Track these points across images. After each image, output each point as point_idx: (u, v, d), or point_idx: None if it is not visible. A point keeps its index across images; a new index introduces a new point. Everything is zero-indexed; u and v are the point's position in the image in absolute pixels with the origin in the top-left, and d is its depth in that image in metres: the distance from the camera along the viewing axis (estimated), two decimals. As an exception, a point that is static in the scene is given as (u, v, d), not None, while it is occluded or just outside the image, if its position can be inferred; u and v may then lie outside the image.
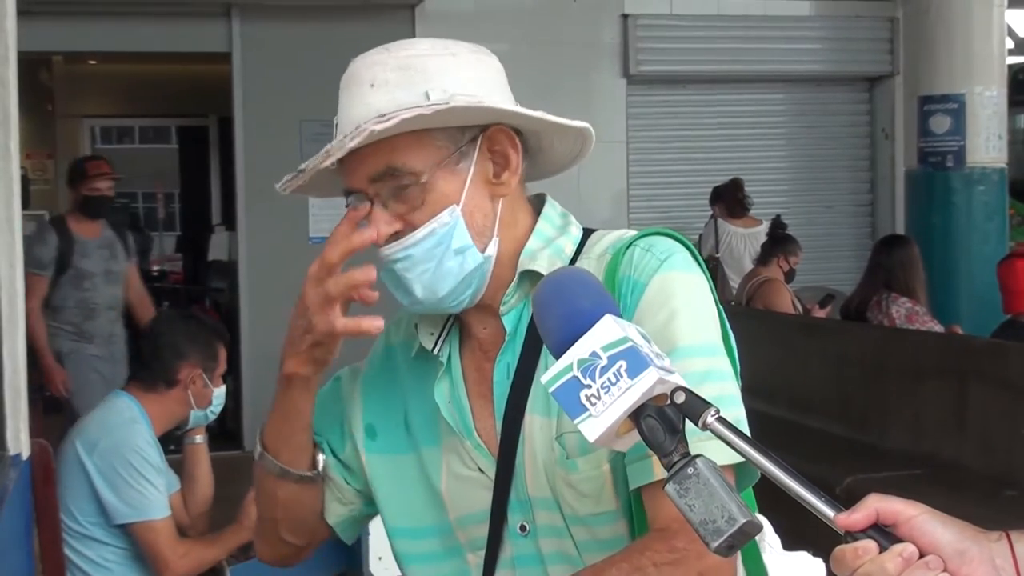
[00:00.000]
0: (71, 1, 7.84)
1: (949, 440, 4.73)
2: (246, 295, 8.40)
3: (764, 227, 7.62)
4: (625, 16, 8.90)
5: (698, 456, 1.12)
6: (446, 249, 1.49)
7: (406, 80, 1.48)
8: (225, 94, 8.52)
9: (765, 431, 5.83)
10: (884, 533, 1.07)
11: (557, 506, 1.51)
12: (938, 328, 6.02)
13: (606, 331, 1.18)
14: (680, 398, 1.15)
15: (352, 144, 1.42)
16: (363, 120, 1.44)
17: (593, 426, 1.16)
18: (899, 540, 1.06)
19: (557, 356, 1.20)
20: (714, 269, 7.87)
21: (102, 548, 3.35)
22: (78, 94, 10.90)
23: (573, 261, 1.55)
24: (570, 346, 1.19)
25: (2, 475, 2.90)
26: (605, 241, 1.57)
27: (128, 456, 3.33)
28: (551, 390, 1.19)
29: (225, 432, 7.43)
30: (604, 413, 1.16)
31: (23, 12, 3.12)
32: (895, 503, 1.09)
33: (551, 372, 1.19)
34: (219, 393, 3.55)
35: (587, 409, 1.16)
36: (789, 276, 7.00)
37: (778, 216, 7.54)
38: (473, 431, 1.57)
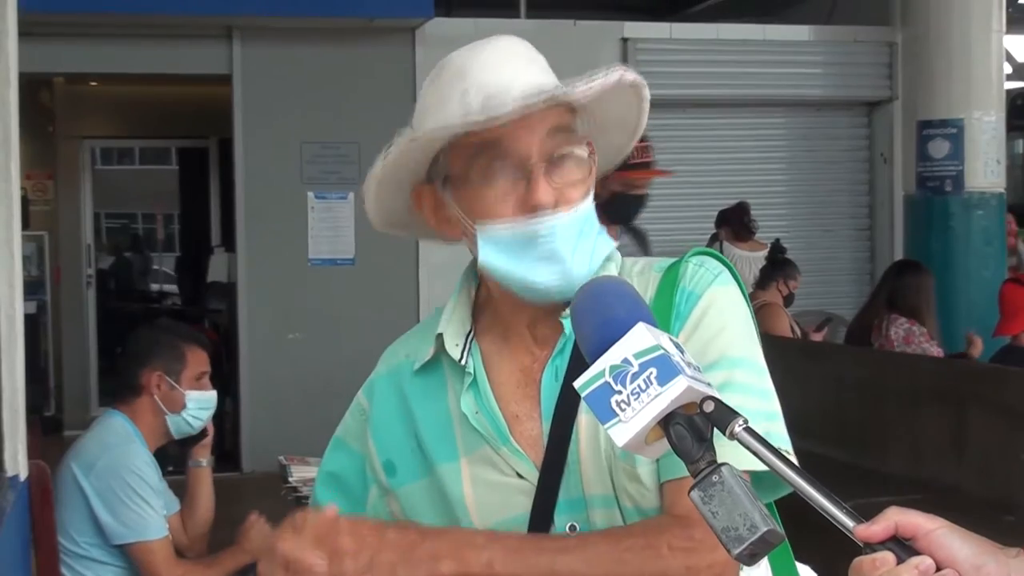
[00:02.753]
0: (72, 23, 7.86)
1: (948, 465, 4.72)
2: (245, 316, 8.40)
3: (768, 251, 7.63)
4: (625, 40, 8.93)
5: (723, 464, 1.14)
6: (593, 226, 1.53)
7: (548, 67, 1.62)
8: (225, 116, 8.54)
9: (764, 455, 5.71)
10: (903, 546, 1.07)
11: (616, 502, 1.51)
12: (935, 351, 6.02)
13: (638, 339, 1.20)
14: (709, 407, 1.17)
15: (583, 88, 1.48)
16: (537, 87, 1.50)
17: (622, 431, 1.18)
18: (917, 553, 1.07)
19: (591, 362, 1.22)
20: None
21: (100, 568, 3.34)
22: (79, 115, 10.91)
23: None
24: (604, 348, 1.22)
25: (0, 496, 2.89)
26: (642, 263, 1.63)
27: (125, 476, 3.32)
28: (583, 395, 1.21)
29: (223, 454, 7.42)
30: (633, 419, 1.17)
31: (24, 33, 3.14)
32: (914, 516, 1.09)
33: (584, 377, 1.21)
34: (197, 396, 3.50)
35: (617, 415, 1.18)
36: (788, 300, 7.01)
37: (777, 240, 7.54)
38: (509, 437, 1.56)
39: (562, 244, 1.49)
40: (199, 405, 3.50)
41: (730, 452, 1.20)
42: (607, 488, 1.51)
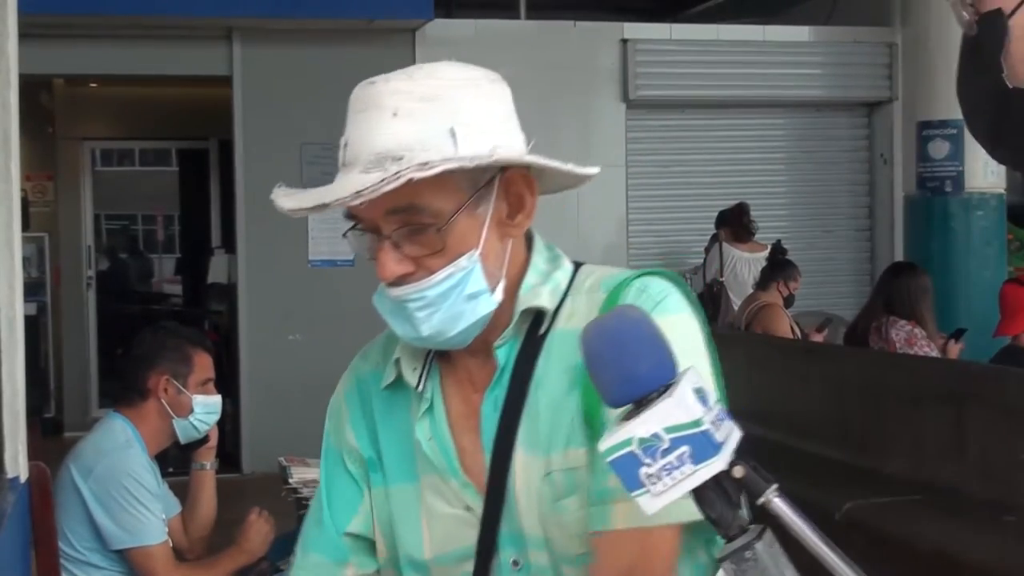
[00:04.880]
0: (72, 24, 7.86)
1: (948, 465, 4.71)
2: (245, 317, 8.40)
3: (768, 252, 7.63)
4: (625, 41, 8.93)
5: (759, 539, 1.11)
6: (460, 293, 1.47)
7: (431, 112, 1.45)
8: (225, 117, 8.54)
9: (763, 455, 5.78)
10: None
11: (546, 545, 1.51)
12: (935, 355, 6.01)
13: (670, 412, 1.14)
14: (739, 473, 1.13)
15: (388, 188, 1.39)
16: (386, 150, 1.43)
17: (652, 503, 1.14)
18: None
19: (612, 406, 1.18)
20: (718, 293, 7.87)
21: (100, 573, 3.34)
22: (79, 116, 10.91)
23: (565, 295, 1.54)
24: (623, 403, 1.16)
25: (0, 498, 2.88)
26: (596, 276, 1.56)
27: (123, 481, 3.31)
28: (608, 460, 1.15)
29: (224, 455, 7.41)
30: (664, 493, 1.13)
31: (24, 35, 3.13)
32: None
33: (608, 442, 1.15)
34: (203, 401, 3.49)
35: (645, 486, 1.13)
36: (788, 301, 7.00)
37: (778, 241, 7.54)
38: (459, 470, 1.55)
39: (411, 313, 1.48)
40: (206, 409, 3.50)
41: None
42: (538, 530, 1.51)
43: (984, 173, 8.20)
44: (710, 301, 7.90)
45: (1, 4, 2.97)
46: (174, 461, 4.07)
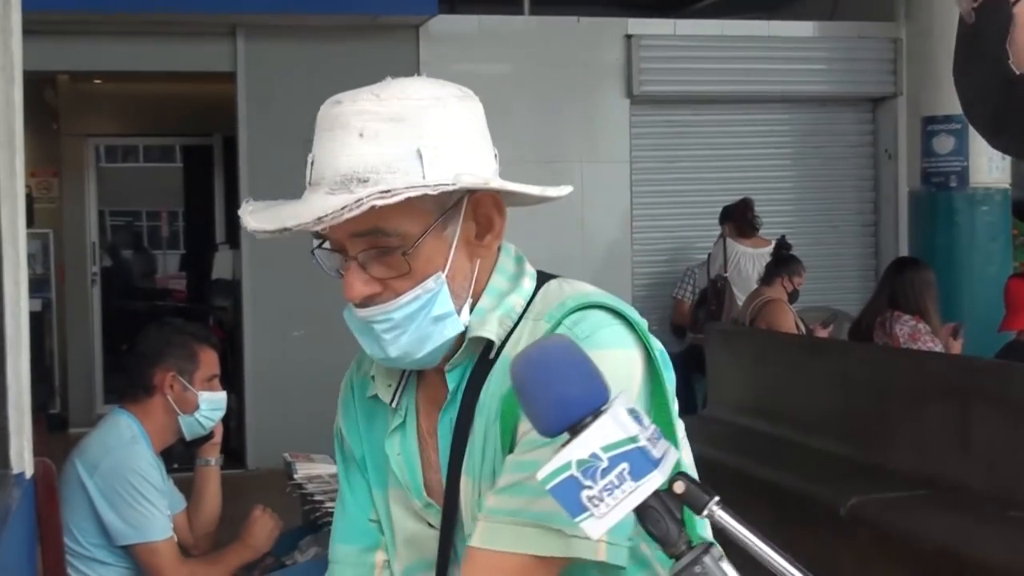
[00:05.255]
0: (76, 20, 7.86)
1: (953, 461, 4.71)
2: (250, 313, 8.41)
3: (772, 248, 7.62)
4: (629, 37, 8.92)
5: (706, 553, 1.12)
6: (427, 315, 1.47)
7: (397, 134, 1.43)
8: (229, 113, 8.55)
9: (768, 451, 5.85)
10: None
11: None
12: (939, 350, 6.01)
13: (606, 432, 1.15)
14: (680, 488, 1.15)
15: (350, 215, 1.38)
16: (351, 171, 1.42)
17: (596, 526, 1.14)
18: None
19: (547, 435, 1.18)
20: (722, 289, 7.86)
21: (105, 569, 3.34)
22: (83, 113, 10.91)
23: (521, 318, 1.52)
24: (558, 431, 1.16)
25: (5, 494, 2.89)
26: (549, 299, 1.52)
27: (129, 477, 3.31)
28: (548, 487, 1.16)
29: (228, 451, 7.42)
30: (608, 514, 1.14)
31: (28, 31, 3.13)
32: None
33: (547, 469, 1.16)
34: (209, 397, 3.48)
35: (589, 510, 1.14)
36: (793, 296, 7.00)
37: (782, 236, 7.53)
38: (422, 490, 1.57)
39: (378, 334, 1.48)
40: (211, 406, 3.50)
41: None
42: None
43: (989, 168, 8.19)
44: (714, 297, 7.89)
45: (5, 1, 2.97)
46: (179, 457, 4.06)
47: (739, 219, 8.08)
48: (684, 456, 1.52)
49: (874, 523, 4.31)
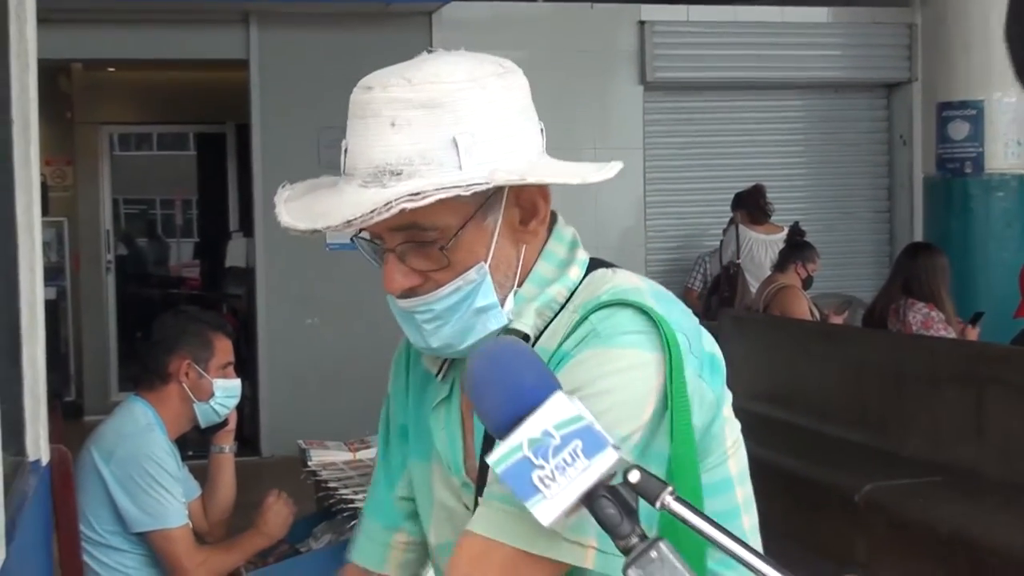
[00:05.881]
0: (90, 9, 7.87)
1: (968, 447, 4.71)
2: (263, 301, 8.43)
3: (785, 234, 7.61)
4: (642, 23, 8.90)
5: (660, 539, 1.09)
6: (470, 307, 1.43)
7: (431, 121, 1.36)
8: (243, 101, 8.55)
9: (783, 438, 5.84)
10: None
11: None
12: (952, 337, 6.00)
13: (558, 409, 1.14)
14: (635, 477, 1.11)
15: (379, 219, 1.34)
16: (384, 163, 1.36)
17: (548, 508, 1.12)
18: None
19: (499, 437, 1.15)
20: (734, 275, 7.86)
21: (121, 555, 3.35)
22: (97, 101, 10.94)
23: (563, 307, 1.46)
24: (513, 425, 1.14)
25: (22, 481, 2.90)
26: (591, 289, 1.45)
27: (145, 464, 3.32)
28: (499, 471, 1.13)
29: (242, 438, 7.45)
30: (560, 495, 1.11)
31: (42, 20, 3.14)
32: None
33: (499, 452, 1.14)
34: (224, 385, 3.49)
35: (540, 491, 1.12)
36: (807, 283, 6.99)
37: (796, 223, 7.52)
38: (461, 468, 1.54)
39: (420, 324, 1.45)
40: (226, 393, 3.51)
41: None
42: None
43: (1004, 154, 8.16)
44: (727, 283, 7.89)
45: (19, -11, 2.97)
46: (193, 445, 4.08)
47: (751, 205, 8.07)
48: (732, 464, 1.47)
49: (888, 509, 4.31)
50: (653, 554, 1.07)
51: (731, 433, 1.48)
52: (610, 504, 1.11)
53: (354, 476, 3.73)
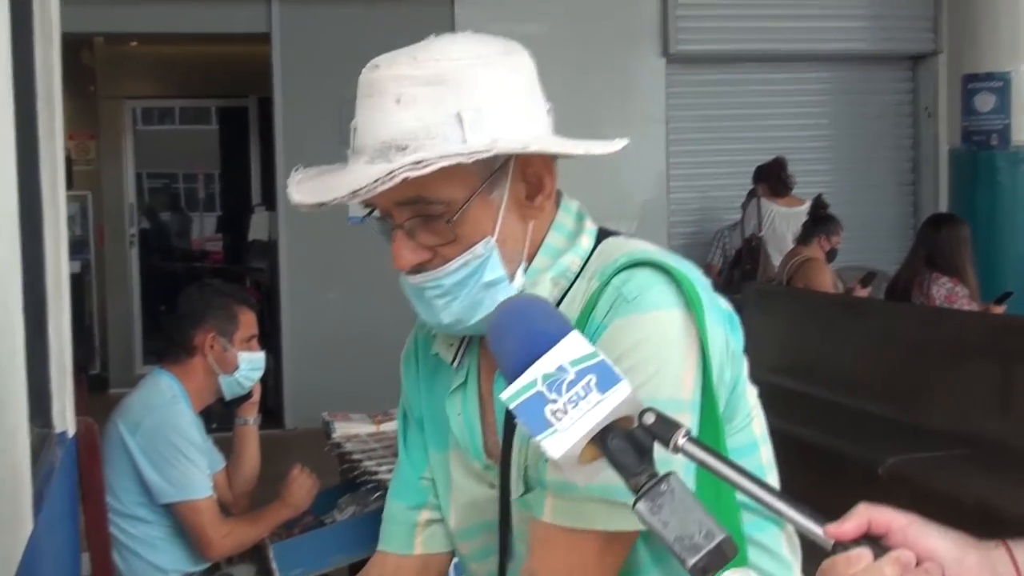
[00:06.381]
0: (113, -18, 7.88)
1: (993, 420, 4.69)
2: (286, 274, 8.45)
3: (807, 207, 7.57)
4: (664, -5, 8.85)
5: (671, 473, 1.09)
6: (478, 281, 1.44)
7: (436, 97, 1.38)
8: (265, 75, 8.56)
9: (806, 411, 5.82)
10: (876, 543, 1.03)
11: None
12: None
13: (574, 346, 1.14)
14: (650, 419, 1.12)
15: (383, 188, 1.35)
16: (390, 139, 1.38)
17: (558, 441, 1.11)
18: (892, 549, 1.02)
19: (513, 380, 1.15)
20: (756, 249, 7.83)
21: (147, 527, 3.38)
22: (120, 75, 10.96)
23: (577, 277, 1.48)
24: (526, 365, 1.14)
25: (48, 452, 2.93)
26: (605, 256, 1.47)
27: (170, 436, 3.35)
28: (512, 406, 1.13)
29: (266, 411, 7.48)
30: (571, 428, 1.11)
31: (66, -7, 3.15)
32: (887, 512, 1.05)
33: (513, 388, 1.14)
34: (248, 357, 3.51)
35: (552, 424, 1.11)
36: (830, 256, 6.96)
37: (820, 195, 7.48)
38: (481, 451, 1.55)
39: (430, 300, 1.46)
40: (251, 366, 3.53)
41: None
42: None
43: (1031, 126, 8.09)
44: (749, 256, 7.86)
45: (42, -38, 2.98)
46: (217, 417, 4.11)
47: (773, 178, 8.03)
48: (755, 426, 1.49)
49: (913, 482, 4.30)
50: (663, 487, 1.08)
51: (751, 394, 1.50)
52: (624, 444, 1.11)
53: (378, 448, 3.74)
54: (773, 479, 1.51)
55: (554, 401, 1.12)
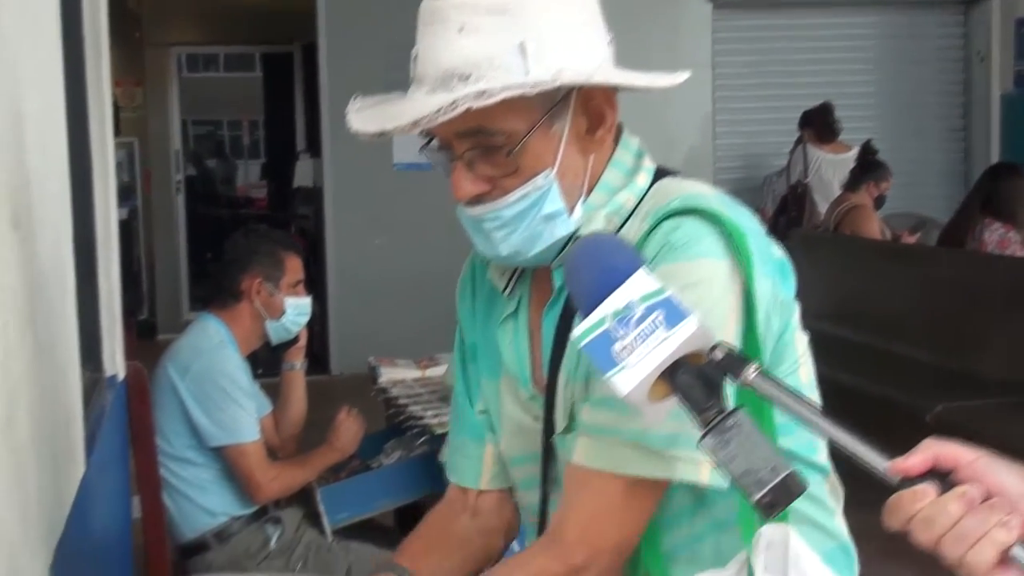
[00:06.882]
0: (157, -72, 7.87)
1: (1043, 368, 4.65)
2: (331, 221, 8.48)
3: (853, 153, 7.48)
4: (711, -62, 8.73)
5: (738, 408, 1.09)
6: (537, 213, 1.43)
7: (499, 26, 1.37)
8: (309, 21, 8.53)
9: (852, 358, 5.79)
10: (943, 478, 1.01)
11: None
12: (1030, 258, 5.90)
13: (642, 283, 1.15)
14: (719, 354, 1.11)
15: (445, 118, 1.34)
16: (452, 68, 1.37)
17: (627, 378, 1.12)
18: (958, 485, 1.01)
19: (591, 308, 1.15)
20: (802, 195, 7.76)
21: (197, 469, 3.42)
22: (165, 21, 10.98)
23: (630, 216, 1.47)
24: (602, 299, 1.15)
25: (100, 396, 2.96)
26: (660, 197, 1.46)
27: (219, 380, 3.38)
28: (582, 345, 1.14)
29: (312, 357, 7.53)
30: (639, 364, 1.11)
31: (111, -61, 3.14)
32: (953, 447, 1.03)
33: (583, 326, 1.15)
34: (294, 303, 3.53)
35: (620, 362, 1.12)
36: (878, 203, 6.89)
37: (868, 141, 7.39)
38: (529, 381, 1.55)
39: (489, 232, 1.46)
40: (297, 311, 3.55)
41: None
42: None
43: (1085, 69, 7.95)
44: (794, 203, 7.80)
45: (88, -92, 2.98)
46: (264, 363, 4.14)
47: (819, 124, 7.94)
48: (802, 372, 1.48)
49: (961, 430, 4.27)
50: (730, 422, 1.08)
51: (801, 342, 1.49)
52: (693, 380, 1.11)
53: (423, 393, 3.76)
54: None
55: (622, 338, 1.12)
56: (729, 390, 1.14)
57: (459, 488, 1.68)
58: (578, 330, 1.15)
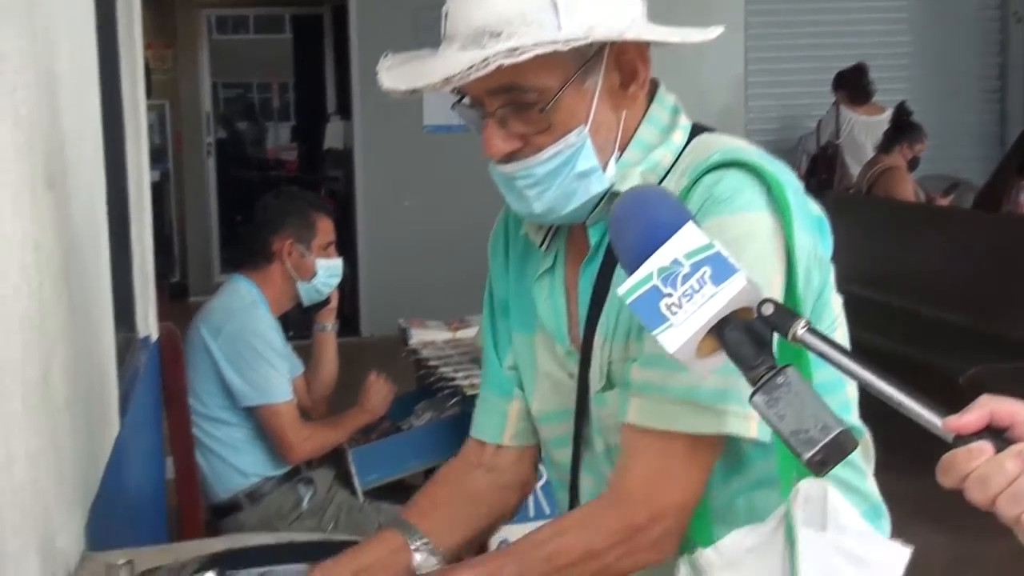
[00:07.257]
0: None
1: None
2: (361, 183, 8.49)
3: (887, 115, 7.40)
4: None
5: (788, 365, 1.08)
6: (571, 171, 1.43)
7: None
8: (339, -18, 8.51)
9: (885, 321, 5.76)
10: (999, 436, 0.99)
11: (600, 430, 1.51)
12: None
13: (689, 238, 1.13)
14: (768, 309, 1.10)
15: (476, 76, 1.33)
16: (484, 25, 1.36)
17: (674, 336, 1.10)
18: (1014, 442, 0.98)
19: (636, 265, 1.14)
20: (832, 156, 7.70)
21: (230, 429, 3.44)
22: (195, -17, 10.99)
23: (667, 174, 1.47)
24: (648, 254, 1.14)
25: (133, 357, 2.99)
26: (698, 153, 1.45)
27: (251, 340, 3.39)
28: (628, 301, 1.13)
29: (343, 318, 7.55)
30: (687, 321, 1.10)
31: (142, -100, 3.14)
32: (1010, 403, 1.00)
33: (629, 283, 1.13)
34: (326, 264, 3.54)
35: (668, 319, 1.10)
36: (912, 164, 6.83)
37: (903, 103, 7.32)
38: (566, 338, 1.54)
39: (522, 190, 1.45)
40: (328, 273, 3.56)
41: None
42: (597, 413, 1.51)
43: (1124, 30, 7.83)
44: (824, 165, 7.73)
45: None
46: (295, 324, 4.16)
47: (853, 86, 7.86)
48: (838, 335, 1.48)
49: (995, 392, 4.25)
50: (780, 379, 1.06)
51: (836, 302, 1.49)
52: (741, 336, 1.10)
53: (454, 355, 3.77)
54: (852, 387, 1.50)
55: (669, 295, 1.11)
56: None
57: (477, 442, 1.68)
58: (624, 287, 1.14)
